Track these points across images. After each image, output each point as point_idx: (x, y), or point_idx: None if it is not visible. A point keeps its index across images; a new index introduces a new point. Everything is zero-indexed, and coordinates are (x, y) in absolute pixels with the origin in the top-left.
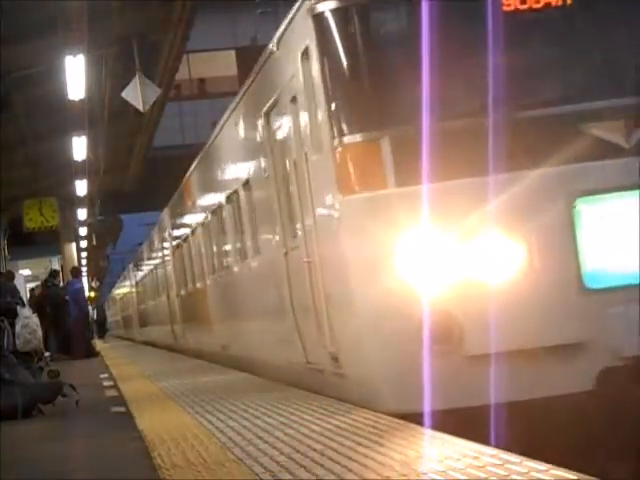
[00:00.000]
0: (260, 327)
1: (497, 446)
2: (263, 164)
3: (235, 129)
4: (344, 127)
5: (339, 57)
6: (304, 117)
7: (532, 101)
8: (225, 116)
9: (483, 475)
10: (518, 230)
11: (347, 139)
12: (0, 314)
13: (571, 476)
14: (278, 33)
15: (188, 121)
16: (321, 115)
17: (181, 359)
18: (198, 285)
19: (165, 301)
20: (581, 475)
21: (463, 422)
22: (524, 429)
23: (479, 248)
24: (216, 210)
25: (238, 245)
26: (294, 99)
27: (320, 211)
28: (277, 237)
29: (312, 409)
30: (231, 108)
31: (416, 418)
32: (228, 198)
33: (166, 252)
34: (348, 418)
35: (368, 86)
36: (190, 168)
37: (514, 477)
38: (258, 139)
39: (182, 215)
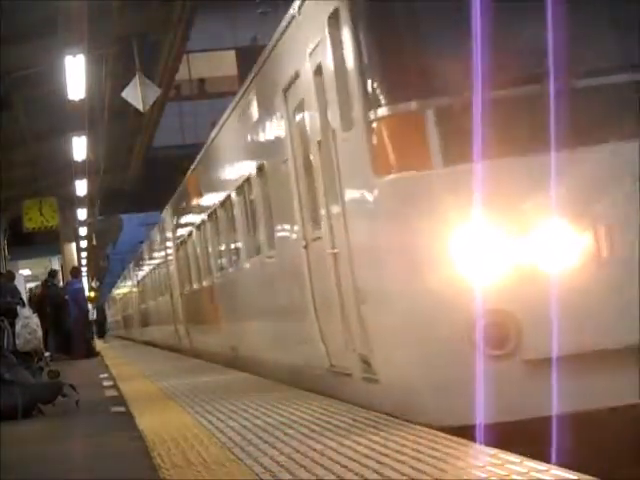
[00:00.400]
0: (275, 327)
1: (559, 463)
2: (280, 148)
3: (247, 113)
4: (381, 97)
5: (376, 17)
6: (331, 89)
7: (600, 67)
8: (233, 103)
9: (483, 475)
10: (583, 215)
11: (385, 111)
12: (0, 314)
13: (571, 476)
14: None
15: (188, 121)
16: (353, 85)
17: (181, 359)
18: (205, 283)
19: (168, 300)
20: (581, 475)
21: (519, 436)
22: (588, 443)
23: (538, 236)
24: (225, 201)
25: (250, 238)
26: (319, 70)
27: (351, 196)
28: (295, 228)
29: (312, 409)
30: (241, 93)
31: (464, 431)
32: (238, 188)
33: (169, 249)
34: (348, 418)
35: (410, 50)
36: (196, 160)
37: (514, 477)
38: (275, 121)
39: (187, 209)
